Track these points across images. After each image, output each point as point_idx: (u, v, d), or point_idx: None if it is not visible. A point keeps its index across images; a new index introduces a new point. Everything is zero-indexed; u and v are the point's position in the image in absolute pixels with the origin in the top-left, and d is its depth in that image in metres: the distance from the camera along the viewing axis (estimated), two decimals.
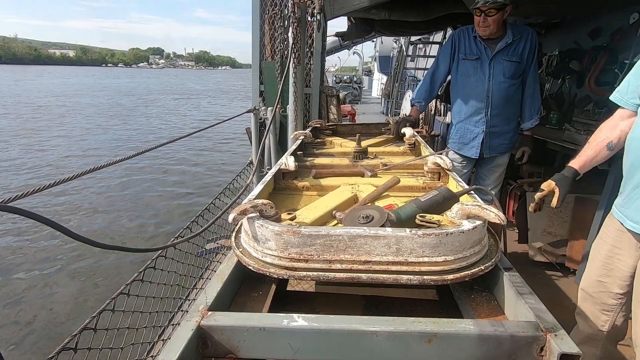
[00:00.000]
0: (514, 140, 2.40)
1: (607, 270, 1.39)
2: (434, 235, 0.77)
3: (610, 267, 1.38)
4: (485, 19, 2.09)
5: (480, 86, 2.27)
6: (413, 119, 2.36)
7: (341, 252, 0.80)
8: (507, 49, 2.19)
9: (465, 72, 2.32)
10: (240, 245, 0.94)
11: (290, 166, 1.33)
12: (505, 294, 0.82)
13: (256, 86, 2.89)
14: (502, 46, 2.17)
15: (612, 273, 1.38)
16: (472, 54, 2.27)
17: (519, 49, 2.18)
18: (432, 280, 0.77)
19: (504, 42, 2.17)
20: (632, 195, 1.23)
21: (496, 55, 2.21)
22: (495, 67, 2.22)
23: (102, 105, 21.87)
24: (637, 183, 1.21)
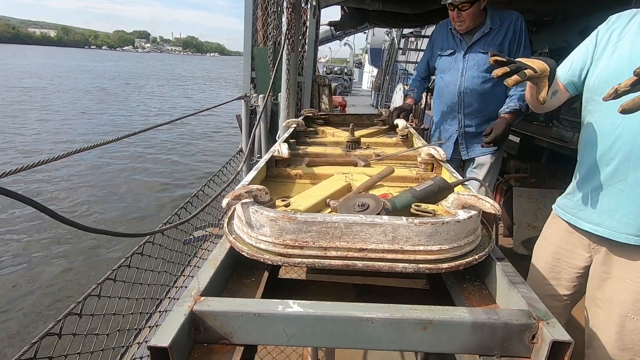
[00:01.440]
0: None
1: (554, 273, 1.39)
2: (430, 224, 0.77)
3: (557, 269, 1.38)
4: (460, 13, 1.94)
5: (453, 82, 2.13)
6: (409, 107, 2.26)
7: (337, 239, 0.80)
8: (483, 40, 2.00)
9: (441, 68, 2.21)
10: (233, 232, 0.92)
11: (283, 153, 1.31)
12: (497, 283, 0.83)
13: (247, 72, 2.84)
14: (478, 37, 2.00)
15: (559, 275, 1.38)
16: (448, 48, 2.14)
17: (498, 38, 1.98)
18: (427, 268, 0.77)
19: (480, 32, 1.99)
20: (591, 197, 1.22)
21: (472, 48, 2.04)
22: (470, 61, 2.05)
23: (90, 90, 21.18)
24: (597, 185, 1.20)
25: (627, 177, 1.12)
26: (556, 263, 1.38)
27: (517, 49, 1.97)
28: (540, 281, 1.43)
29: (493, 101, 2.05)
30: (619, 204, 1.15)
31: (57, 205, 6.00)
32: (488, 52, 1.92)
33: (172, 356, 0.59)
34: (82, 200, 6.30)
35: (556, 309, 1.41)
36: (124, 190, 6.70)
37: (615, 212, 1.16)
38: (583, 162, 1.28)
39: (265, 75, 2.77)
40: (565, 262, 1.36)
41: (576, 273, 1.35)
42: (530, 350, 0.67)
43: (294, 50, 2.27)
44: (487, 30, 1.96)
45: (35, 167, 0.98)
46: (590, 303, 1.30)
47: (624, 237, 1.15)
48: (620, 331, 1.19)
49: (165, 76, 36.40)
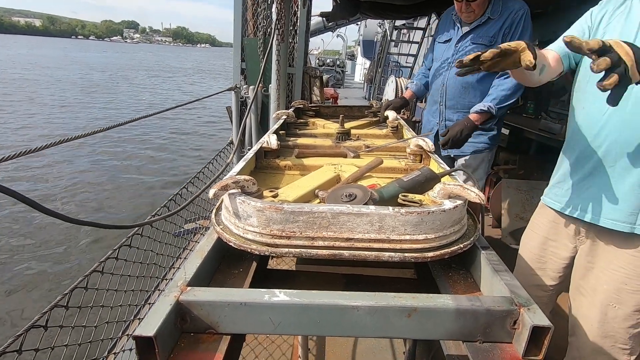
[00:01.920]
0: (483, 141, 2.03)
1: (540, 264, 1.40)
2: (416, 214, 0.78)
3: (543, 259, 1.39)
4: (468, 4, 1.81)
5: (440, 72, 2.03)
6: (402, 100, 2.16)
7: (324, 229, 0.80)
8: (478, 30, 1.88)
9: (436, 55, 2.11)
10: (221, 222, 0.92)
11: (272, 144, 1.30)
12: (482, 271, 0.84)
13: (237, 63, 2.81)
14: (473, 26, 1.88)
15: (545, 266, 1.39)
16: (445, 35, 2.03)
17: (493, 29, 1.83)
18: (413, 257, 0.78)
19: (477, 21, 1.87)
20: (581, 185, 1.23)
21: (464, 37, 1.92)
22: (459, 51, 1.95)
23: (79, 82, 20.72)
24: (588, 172, 1.20)
25: (615, 163, 1.14)
26: (542, 253, 1.40)
27: (511, 39, 1.79)
28: (526, 271, 1.45)
29: (476, 96, 1.95)
30: (607, 191, 1.16)
31: (40, 197, 5.90)
32: (477, 44, 1.83)
33: (157, 346, 0.59)
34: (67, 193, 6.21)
35: (542, 298, 1.43)
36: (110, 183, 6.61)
37: (603, 199, 1.18)
38: (571, 150, 1.28)
39: (256, 66, 2.74)
40: (551, 252, 1.37)
41: (562, 263, 1.37)
42: (512, 335, 0.68)
43: (284, 40, 2.24)
44: (484, 19, 1.85)
45: (19, 157, 0.96)
46: (575, 292, 1.32)
47: (611, 223, 1.16)
48: (603, 319, 1.22)
49: (155, 68, 35.80)
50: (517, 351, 0.66)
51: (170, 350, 0.65)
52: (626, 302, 1.18)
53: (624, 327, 1.20)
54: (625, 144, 1.10)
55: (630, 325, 1.20)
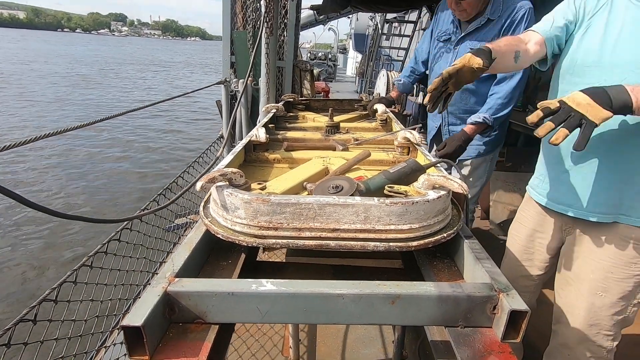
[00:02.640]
0: (485, 144, 1.97)
1: (528, 255, 1.43)
2: (400, 204, 0.79)
3: (531, 250, 1.42)
4: (458, 2, 1.69)
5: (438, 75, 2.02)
6: (390, 99, 2.10)
7: (310, 220, 0.81)
8: (477, 32, 1.76)
9: (435, 55, 1.99)
10: (209, 215, 0.93)
11: (261, 137, 1.31)
12: (465, 259, 0.86)
13: (227, 57, 2.79)
14: (473, 28, 1.77)
15: (533, 256, 1.42)
16: (444, 33, 1.91)
17: (493, 33, 1.72)
18: (397, 247, 0.80)
19: (476, 22, 1.76)
20: (562, 179, 1.24)
21: (463, 39, 1.81)
22: (460, 54, 1.78)
23: (67, 76, 20.29)
24: (568, 166, 1.22)
25: (595, 157, 1.15)
26: (530, 245, 1.41)
27: None
28: (514, 262, 1.47)
29: (477, 101, 1.87)
30: (590, 184, 1.18)
31: (26, 191, 5.81)
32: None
33: (145, 335, 0.60)
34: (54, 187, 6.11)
35: (528, 287, 1.46)
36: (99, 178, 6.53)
37: (587, 193, 1.19)
38: None
39: (245, 59, 2.72)
40: (538, 243, 1.39)
41: (549, 254, 1.39)
42: (492, 320, 0.71)
43: (273, 34, 2.23)
44: (484, 20, 1.71)
45: (6, 150, 0.95)
46: (561, 281, 1.35)
47: (596, 216, 1.18)
48: (590, 308, 1.24)
49: (144, 62, 35.23)
50: (497, 335, 0.69)
51: (159, 339, 0.66)
52: (612, 290, 1.20)
53: (609, 315, 1.23)
54: (605, 137, 1.12)
55: (614, 312, 1.23)
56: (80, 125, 1.40)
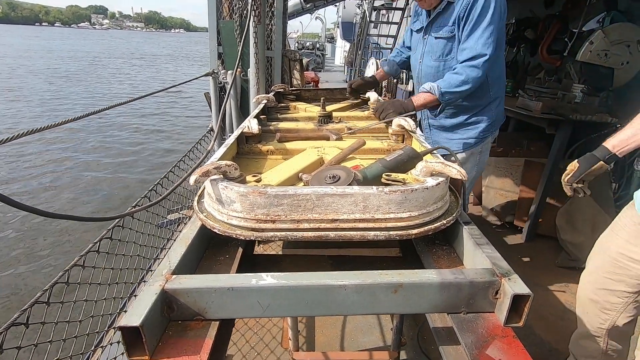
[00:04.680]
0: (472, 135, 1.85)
1: (615, 268, 1.27)
2: (399, 192, 0.78)
3: (620, 263, 1.26)
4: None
5: (415, 66, 1.86)
6: (372, 79, 1.98)
7: (309, 211, 0.80)
8: (438, 19, 1.64)
9: (412, 46, 1.91)
10: (204, 209, 0.90)
11: (253, 129, 1.28)
12: (464, 246, 0.86)
13: (214, 47, 2.72)
14: (434, 15, 1.65)
15: (621, 271, 1.26)
16: (418, 24, 1.80)
17: (452, 17, 1.58)
18: (397, 235, 0.79)
19: (438, 8, 1.63)
20: None
21: (428, 28, 1.71)
22: (427, 44, 1.75)
23: (52, 72, 19.66)
24: None
25: None
26: (620, 258, 1.26)
27: (463, 27, 1.56)
28: (600, 274, 1.33)
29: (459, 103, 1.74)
30: None
31: (10, 191, 5.66)
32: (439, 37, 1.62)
33: (144, 335, 0.58)
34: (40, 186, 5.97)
35: (614, 304, 1.30)
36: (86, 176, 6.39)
37: None
38: None
39: (233, 50, 2.66)
40: (630, 258, 1.24)
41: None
42: (494, 305, 0.71)
43: (261, 22, 2.18)
44: (444, 4, 1.60)
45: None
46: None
47: None
48: None
49: (129, 55, 34.39)
50: (499, 319, 0.69)
51: (158, 338, 0.64)
52: None
53: None
54: None
55: None
56: (60, 122, 1.35)
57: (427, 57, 1.75)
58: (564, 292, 2.21)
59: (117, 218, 1.27)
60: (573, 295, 2.17)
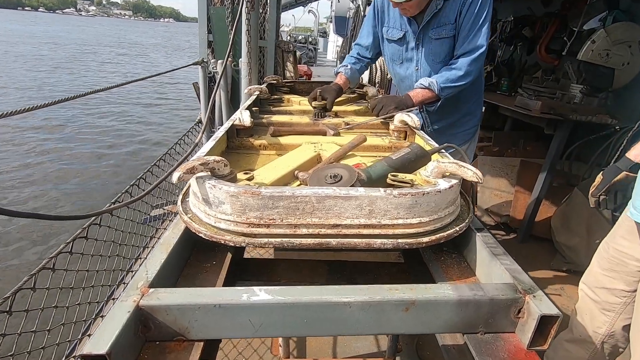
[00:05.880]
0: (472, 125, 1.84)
1: (613, 265, 1.27)
2: (410, 195, 0.70)
3: (616, 260, 1.26)
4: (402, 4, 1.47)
5: (409, 78, 1.73)
6: (337, 87, 1.68)
7: (308, 215, 0.71)
8: (435, 20, 1.54)
9: (391, 56, 1.77)
10: (189, 210, 0.81)
11: (245, 121, 1.18)
12: (477, 254, 0.78)
13: (204, 35, 2.59)
14: (428, 18, 1.54)
15: (619, 268, 1.25)
16: (396, 31, 1.66)
17: (452, 13, 1.51)
18: (406, 244, 0.71)
19: (430, 10, 1.52)
20: None
21: (423, 32, 1.59)
22: (424, 50, 1.62)
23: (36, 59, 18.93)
24: None
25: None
26: (617, 255, 1.25)
27: (464, 21, 1.50)
28: (599, 272, 1.31)
29: (457, 96, 1.65)
30: None
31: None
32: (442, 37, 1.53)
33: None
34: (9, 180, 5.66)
35: (613, 305, 1.28)
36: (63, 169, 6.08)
37: None
38: None
39: (224, 38, 2.53)
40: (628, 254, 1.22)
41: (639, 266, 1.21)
42: (515, 325, 0.63)
43: (254, 9, 2.06)
44: (439, 4, 1.51)
45: None
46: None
47: None
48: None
49: (118, 45, 33.46)
50: (521, 341, 0.61)
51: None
52: None
53: None
54: None
55: None
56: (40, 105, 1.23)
57: (428, 61, 1.64)
58: (559, 295, 2.18)
59: (93, 216, 1.15)
60: (569, 299, 2.14)
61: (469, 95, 1.72)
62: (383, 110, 1.47)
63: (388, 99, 1.52)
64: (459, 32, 1.55)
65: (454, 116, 1.79)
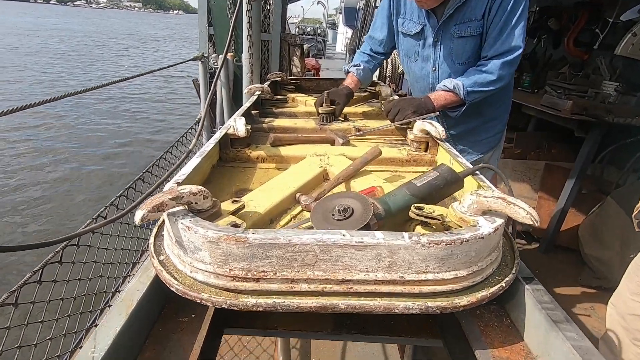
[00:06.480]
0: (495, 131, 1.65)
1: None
2: (444, 245, 0.53)
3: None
4: None
5: (424, 77, 1.56)
6: (348, 91, 1.51)
7: (309, 267, 0.54)
8: (458, 15, 1.36)
9: (407, 52, 1.59)
10: (163, 251, 0.65)
11: (239, 131, 1.01)
12: (526, 314, 0.61)
13: (204, 28, 2.42)
14: (450, 12, 1.35)
15: None
16: (413, 24, 1.49)
17: (479, 10, 1.33)
18: (438, 308, 0.54)
19: (452, 3, 1.33)
20: None
21: (443, 28, 1.41)
22: (444, 48, 1.44)
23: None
24: None
25: None
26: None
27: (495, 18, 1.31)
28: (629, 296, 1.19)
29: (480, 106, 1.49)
30: None
31: None
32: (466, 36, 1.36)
33: None
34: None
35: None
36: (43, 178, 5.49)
37: None
38: None
39: (226, 31, 2.36)
40: None
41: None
42: None
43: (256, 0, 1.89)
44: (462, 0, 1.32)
45: None
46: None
47: None
48: None
49: (130, 35, 33.37)
50: None
51: None
52: None
53: None
54: None
55: None
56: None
57: (448, 62, 1.46)
58: (588, 315, 1.99)
59: (66, 240, 1.01)
60: (600, 321, 1.95)
61: (496, 98, 1.50)
62: (400, 114, 1.29)
63: (405, 101, 1.33)
64: (487, 30, 1.35)
65: (476, 121, 1.59)
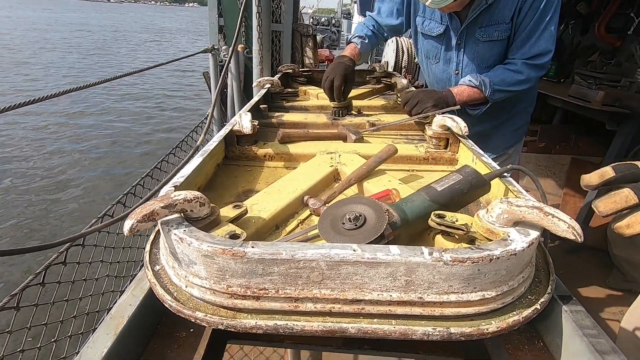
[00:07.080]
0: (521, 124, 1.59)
1: None
2: (470, 262, 0.46)
3: None
4: None
5: (445, 80, 1.49)
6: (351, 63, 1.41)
7: (314, 285, 0.48)
8: (484, 18, 1.28)
9: (427, 53, 1.52)
10: (159, 262, 0.60)
11: (245, 128, 0.96)
12: (563, 339, 0.54)
13: (214, 20, 2.36)
14: (476, 13, 1.27)
15: None
16: (435, 25, 1.40)
17: (507, 12, 1.24)
18: (462, 334, 0.47)
19: (477, 6, 1.25)
20: None
21: (468, 31, 1.33)
22: (467, 52, 1.37)
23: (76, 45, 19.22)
24: None
25: None
26: None
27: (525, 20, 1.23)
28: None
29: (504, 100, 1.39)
30: None
31: None
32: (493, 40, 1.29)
33: None
34: None
35: None
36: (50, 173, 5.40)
37: None
38: None
39: (236, 22, 2.30)
40: None
41: None
42: None
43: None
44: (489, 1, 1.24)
45: None
46: None
47: None
48: None
49: (151, 30, 33.71)
50: None
51: None
52: None
53: None
54: None
55: None
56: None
57: (473, 65, 1.39)
58: (617, 321, 1.87)
59: (70, 241, 0.98)
60: None
61: (523, 94, 1.41)
62: (418, 107, 1.21)
63: (424, 93, 1.24)
64: (516, 32, 1.28)
65: (500, 117, 1.51)
